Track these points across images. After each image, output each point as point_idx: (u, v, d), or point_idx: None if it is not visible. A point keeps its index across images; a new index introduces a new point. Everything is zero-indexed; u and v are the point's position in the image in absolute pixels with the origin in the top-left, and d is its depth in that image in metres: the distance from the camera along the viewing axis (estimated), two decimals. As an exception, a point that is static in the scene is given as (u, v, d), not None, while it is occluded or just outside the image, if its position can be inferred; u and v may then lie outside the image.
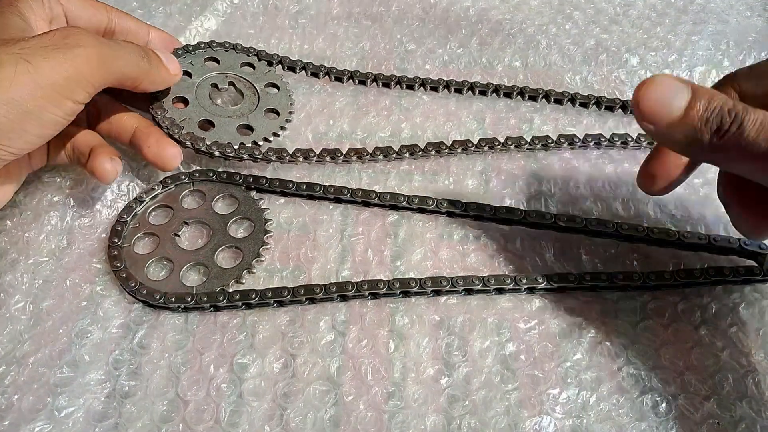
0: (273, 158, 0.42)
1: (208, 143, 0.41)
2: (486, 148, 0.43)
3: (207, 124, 0.43)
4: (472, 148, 0.43)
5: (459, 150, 0.43)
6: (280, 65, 0.48)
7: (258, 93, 0.45)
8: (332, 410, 0.32)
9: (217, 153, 0.41)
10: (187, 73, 0.44)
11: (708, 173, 0.42)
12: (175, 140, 0.40)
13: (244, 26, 0.52)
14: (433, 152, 0.43)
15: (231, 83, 0.46)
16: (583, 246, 0.39)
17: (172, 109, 0.42)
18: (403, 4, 0.55)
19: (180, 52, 0.45)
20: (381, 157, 0.42)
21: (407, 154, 0.42)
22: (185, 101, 0.43)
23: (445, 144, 0.43)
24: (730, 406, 0.32)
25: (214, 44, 0.47)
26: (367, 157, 0.42)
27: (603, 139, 0.43)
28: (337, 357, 0.34)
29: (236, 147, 0.41)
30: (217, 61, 0.47)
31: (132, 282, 0.36)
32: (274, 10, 0.54)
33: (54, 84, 0.31)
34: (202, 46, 0.47)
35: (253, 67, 0.47)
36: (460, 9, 0.54)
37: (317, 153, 0.42)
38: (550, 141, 0.43)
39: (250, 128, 0.44)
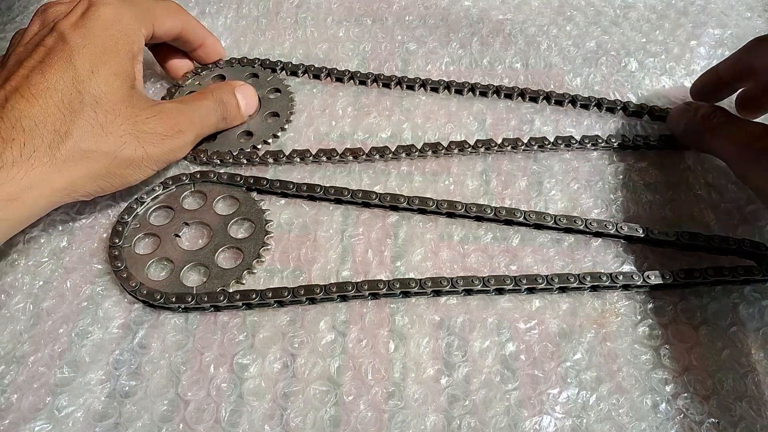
0: (270, 160, 0.42)
1: (209, 153, 0.43)
2: (484, 149, 0.43)
3: (210, 137, 0.44)
4: (470, 149, 0.43)
5: (458, 151, 0.43)
6: (283, 71, 0.49)
7: (260, 99, 0.46)
8: (332, 410, 0.32)
9: (217, 161, 0.43)
10: None
11: (707, 176, 0.42)
12: None
13: (249, 34, 0.52)
14: (431, 153, 0.43)
15: None
16: (583, 246, 0.39)
17: None
18: (404, 0, 0.55)
19: (189, 75, 0.47)
20: (378, 157, 0.42)
21: (404, 154, 0.42)
22: None
23: (442, 145, 0.43)
24: (730, 406, 0.32)
25: (221, 62, 0.49)
26: (363, 156, 0.42)
27: (600, 140, 0.43)
28: (338, 357, 0.34)
29: (235, 153, 0.43)
30: (223, 77, 0.48)
31: (132, 282, 0.36)
32: (276, 15, 0.54)
33: (156, 161, 0.38)
34: (210, 66, 0.49)
35: (258, 77, 0.48)
36: (461, 8, 0.54)
37: (314, 153, 0.42)
38: (546, 142, 0.43)
39: (251, 134, 0.44)
